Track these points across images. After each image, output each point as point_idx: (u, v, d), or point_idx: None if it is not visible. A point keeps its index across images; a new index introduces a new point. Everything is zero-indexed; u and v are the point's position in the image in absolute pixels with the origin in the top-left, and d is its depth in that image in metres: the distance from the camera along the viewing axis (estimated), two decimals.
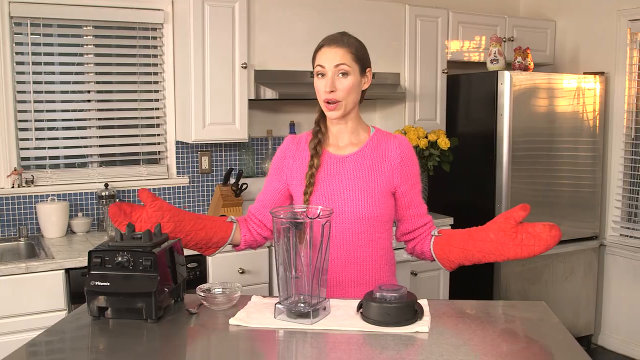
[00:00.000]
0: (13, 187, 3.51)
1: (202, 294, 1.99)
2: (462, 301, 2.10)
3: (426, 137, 4.08)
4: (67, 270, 3.03)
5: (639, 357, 4.47)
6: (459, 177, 4.37)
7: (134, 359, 1.70)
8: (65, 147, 3.68)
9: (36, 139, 3.58)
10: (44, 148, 3.61)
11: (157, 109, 3.88)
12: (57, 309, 2.98)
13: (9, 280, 2.91)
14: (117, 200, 3.64)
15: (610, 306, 4.65)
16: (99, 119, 3.77)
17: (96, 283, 1.86)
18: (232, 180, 3.84)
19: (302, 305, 1.86)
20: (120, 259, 1.86)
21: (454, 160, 4.16)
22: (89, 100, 3.75)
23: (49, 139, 3.63)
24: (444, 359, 1.61)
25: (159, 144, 3.92)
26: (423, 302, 1.97)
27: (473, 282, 4.31)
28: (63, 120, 3.67)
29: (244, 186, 3.80)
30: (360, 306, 1.89)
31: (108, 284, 1.86)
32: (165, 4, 3.80)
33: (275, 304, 1.89)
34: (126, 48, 3.79)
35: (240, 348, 1.78)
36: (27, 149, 3.58)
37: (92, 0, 3.61)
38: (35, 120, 3.57)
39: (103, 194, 3.63)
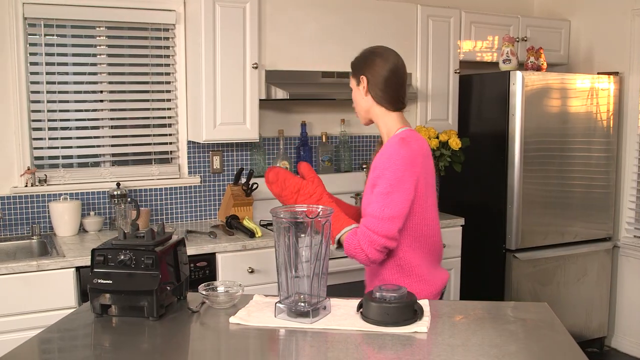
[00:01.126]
0: (26, 186, 3.56)
1: (204, 292, 2.01)
2: (464, 302, 2.11)
3: (437, 138, 4.08)
4: (78, 269, 3.07)
5: None
6: (471, 178, 4.35)
7: (136, 356, 1.72)
8: (78, 147, 3.72)
9: (49, 138, 3.63)
10: (57, 147, 3.66)
11: (169, 109, 3.91)
12: (68, 306, 3.01)
13: (21, 278, 2.95)
14: (129, 199, 3.68)
15: (624, 308, 4.61)
16: (112, 118, 3.80)
17: (99, 281, 1.89)
18: (243, 180, 3.86)
19: (302, 304, 1.87)
20: (122, 257, 1.89)
21: (466, 160, 4.15)
22: (101, 101, 3.79)
23: (62, 138, 3.67)
24: (441, 359, 1.61)
25: (170, 143, 3.95)
26: (423, 303, 1.97)
27: (484, 284, 4.30)
28: (76, 120, 3.72)
29: (255, 186, 3.82)
30: (360, 306, 1.90)
31: (110, 281, 1.88)
32: (177, 5, 3.83)
33: (276, 303, 1.90)
34: (138, 48, 3.83)
35: (239, 346, 1.79)
36: (41, 148, 3.62)
37: (105, 1, 3.65)
38: (49, 120, 3.62)
39: (115, 193, 3.66)
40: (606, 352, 4.63)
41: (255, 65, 3.67)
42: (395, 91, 2.25)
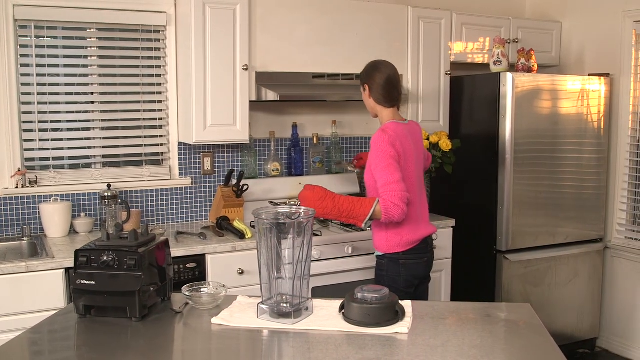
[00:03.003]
0: (17, 187, 3.57)
1: (187, 293, 2.02)
2: (447, 303, 2.12)
3: (427, 139, 4.08)
4: (67, 270, 3.07)
5: None
6: (462, 179, 4.36)
7: (118, 357, 1.72)
8: (69, 148, 3.73)
9: (40, 140, 3.63)
10: (48, 149, 3.66)
11: (159, 110, 3.92)
12: (57, 307, 3.00)
13: (10, 279, 2.96)
14: (120, 200, 3.68)
15: (615, 309, 4.62)
16: (103, 120, 3.81)
17: (82, 282, 1.90)
18: (234, 182, 3.86)
19: (285, 305, 1.88)
20: (105, 258, 1.89)
21: (457, 161, 4.15)
22: (92, 102, 3.79)
23: (53, 140, 3.67)
24: None
25: (161, 145, 3.95)
26: (406, 304, 1.98)
27: (475, 286, 4.31)
28: (67, 121, 3.72)
29: (245, 187, 3.82)
30: (342, 307, 1.91)
31: (94, 282, 1.89)
32: (168, 7, 3.84)
33: (258, 304, 1.91)
34: (129, 50, 3.83)
35: (220, 347, 1.80)
36: (32, 149, 3.63)
37: (96, 3, 3.66)
38: (40, 122, 3.62)
39: (106, 194, 3.66)
40: (597, 353, 4.64)
41: (245, 67, 3.67)
42: (389, 94, 3.04)
